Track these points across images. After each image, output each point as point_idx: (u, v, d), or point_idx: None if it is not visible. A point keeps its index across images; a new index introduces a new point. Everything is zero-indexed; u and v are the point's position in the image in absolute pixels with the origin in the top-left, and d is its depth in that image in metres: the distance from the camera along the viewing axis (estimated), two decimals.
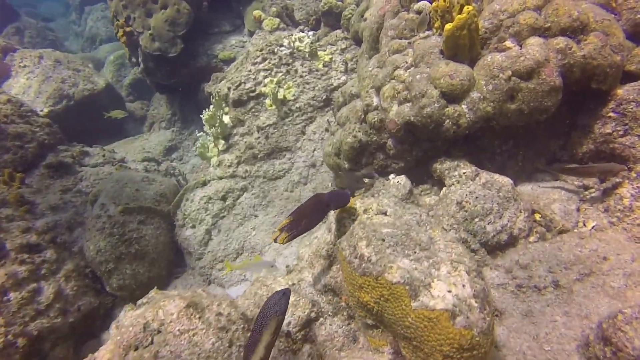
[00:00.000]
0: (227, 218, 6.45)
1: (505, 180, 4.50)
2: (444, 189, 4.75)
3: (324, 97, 6.82)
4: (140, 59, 9.59)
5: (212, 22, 9.81)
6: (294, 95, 6.75)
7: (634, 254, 3.86)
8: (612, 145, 4.30)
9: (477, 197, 4.31)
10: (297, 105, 6.75)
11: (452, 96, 4.40)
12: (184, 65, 9.40)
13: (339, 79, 6.83)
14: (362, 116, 5.11)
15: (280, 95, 6.67)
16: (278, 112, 6.65)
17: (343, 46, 7.15)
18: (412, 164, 5.02)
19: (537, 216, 4.46)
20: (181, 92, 10.58)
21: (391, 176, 5.10)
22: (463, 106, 4.39)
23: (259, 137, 6.63)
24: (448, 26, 4.27)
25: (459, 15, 4.18)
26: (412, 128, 4.64)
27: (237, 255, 6.27)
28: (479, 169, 4.61)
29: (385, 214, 3.52)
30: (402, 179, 4.86)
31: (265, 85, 6.67)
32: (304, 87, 6.81)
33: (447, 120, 4.43)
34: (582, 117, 4.64)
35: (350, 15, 7.26)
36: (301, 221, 2.92)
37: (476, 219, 4.23)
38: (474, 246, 4.16)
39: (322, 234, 3.82)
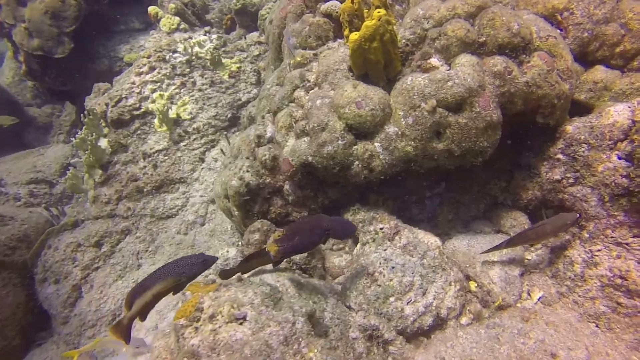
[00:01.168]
0: (103, 269, 5.06)
1: (431, 242, 3.44)
2: (357, 247, 3.64)
3: (229, 115, 5.56)
4: (21, 59, 7.89)
5: (116, 18, 8.27)
6: (190, 113, 5.45)
7: (588, 346, 2.89)
8: (560, 196, 3.34)
9: (393, 268, 3.22)
10: (195, 125, 5.46)
11: (361, 130, 3.28)
12: (79, 68, 7.81)
13: (249, 92, 5.60)
14: (255, 150, 3.90)
15: (172, 114, 5.35)
16: (170, 135, 5.33)
17: (256, 52, 5.92)
18: (319, 211, 3.87)
19: (473, 285, 3.43)
20: (83, 101, 8.89)
21: None
22: (376, 144, 3.28)
23: (145, 166, 5.28)
24: (353, 36, 3.14)
25: (366, 22, 3.05)
26: (312, 170, 3.49)
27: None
28: (399, 224, 3.52)
29: (243, 319, 2.33)
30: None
31: (153, 101, 5.32)
32: (204, 104, 5.53)
33: (356, 163, 3.31)
34: (527, 156, 3.66)
35: (267, 15, 6.02)
36: (294, 237, 2.62)
37: (391, 298, 3.13)
38: (388, 335, 3.06)
39: None
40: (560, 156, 3.26)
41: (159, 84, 5.43)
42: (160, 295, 2.48)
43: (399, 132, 3.21)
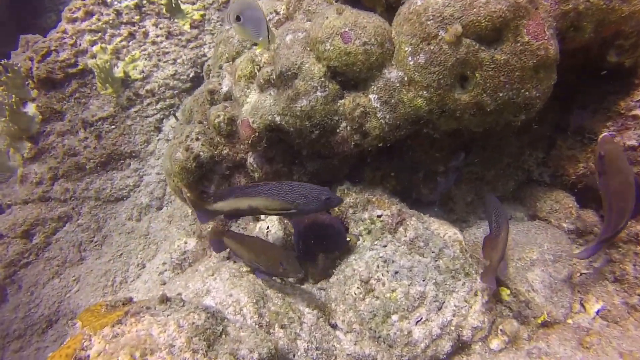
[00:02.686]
0: (34, 266, 4.09)
1: (449, 234, 2.49)
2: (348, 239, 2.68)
3: (192, 74, 4.50)
4: None
5: None
6: (142, 72, 4.38)
7: None
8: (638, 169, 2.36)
9: (397, 273, 2.27)
10: (148, 87, 4.39)
11: (349, 76, 2.27)
12: (20, 26, 6.64)
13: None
14: (208, 110, 2.89)
15: (118, 73, 4.27)
16: (117, 99, 4.28)
17: None
18: None
19: (505, 293, 2.49)
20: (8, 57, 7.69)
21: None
22: (372, 97, 2.27)
23: (86, 138, 4.24)
24: None
25: None
26: (282, 136, 2.49)
27: (47, 325, 3.97)
28: (404, 210, 2.56)
29: None
30: (274, 220, 2.75)
31: (93, 56, 4.23)
32: (160, 60, 4.44)
33: (344, 124, 2.31)
34: (578, 115, 2.66)
35: None
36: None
37: (394, 316, 2.20)
38: None
39: None
40: (638, 112, 2.26)
41: (99, 34, 4.32)
42: (254, 210, 2.25)
43: (405, 78, 2.20)
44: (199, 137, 2.80)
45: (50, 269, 4.10)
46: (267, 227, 2.78)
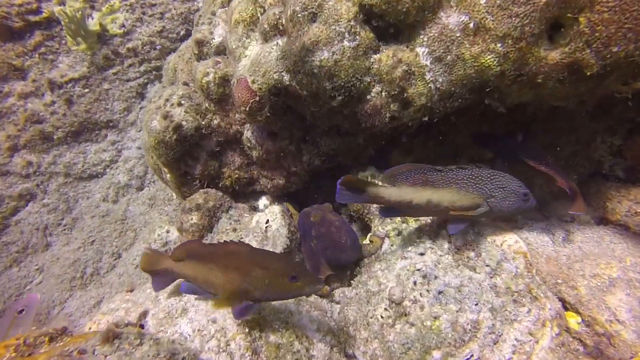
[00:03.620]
0: None
1: (508, 242, 1.88)
2: (368, 241, 2.10)
3: (182, 31, 3.80)
4: None
5: None
6: (122, 26, 3.68)
7: None
8: None
9: (440, 293, 1.67)
10: (130, 45, 3.71)
11: (389, 20, 1.61)
12: None
13: None
14: (194, 66, 2.23)
15: (93, 25, 3.57)
16: (92, 57, 3.59)
17: None
18: (305, 177, 2.28)
19: (573, 320, 1.90)
20: None
21: (261, 201, 2.39)
22: (420, 51, 1.63)
23: (54, 102, 3.58)
24: None
25: None
26: (290, 101, 1.85)
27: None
28: None
29: None
30: (275, 213, 2.15)
31: (60, 2, 3.52)
32: (144, 13, 3.74)
33: (377, 88, 1.68)
34: None
35: None
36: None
37: (435, 353, 1.61)
38: None
39: None
40: None
41: None
42: (428, 207, 1.66)
43: (471, 25, 1.55)
44: (182, 102, 2.16)
45: (7, 255, 3.50)
46: (267, 222, 2.17)
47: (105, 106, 3.69)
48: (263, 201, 2.46)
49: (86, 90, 3.63)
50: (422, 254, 1.84)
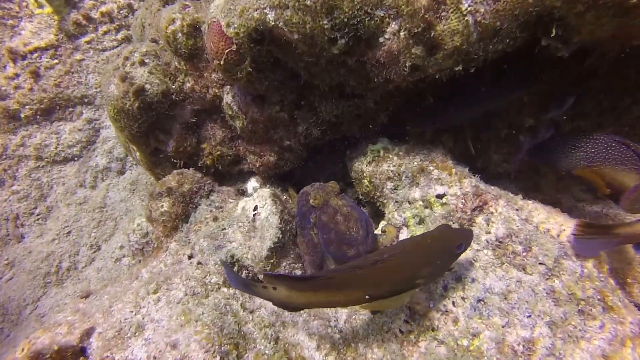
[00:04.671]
0: None
1: (568, 232, 1.42)
2: (380, 231, 1.67)
3: None
4: None
5: None
6: None
7: None
8: None
9: (481, 302, 1.25)
10: (104, 8, 3.24)
11: None
12: None
13: None
14: (159, 14, 1.78)
15: None
16: (59, 22, 3.13)
17: None
18: (301, 153, 1.85)
19: None
20: None
21: (250, 183, 1.97)
22: None
23: (18, 75, 3.14)
24: None
25: None
26: (278, 51, 1.39)
27: None
28: (483, 187, 1.49)
29: None
30: (265, 197, 1.71)
31: None
32: None
33: (393, 27, 1.21)
34: None
35: None
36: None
37: None
38: None
39: None
40: None
41: None
42: None
43: None
44: (146, 61, 1.72)
45: None
46: (255, 208, 1.74)
47: (79, 80, 3.25)
48: (252, 183, 2.04)
49: (55, 61, 3.19)
50: None
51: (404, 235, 1.59)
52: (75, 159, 3.34)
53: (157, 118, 1.81)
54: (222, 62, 1.42)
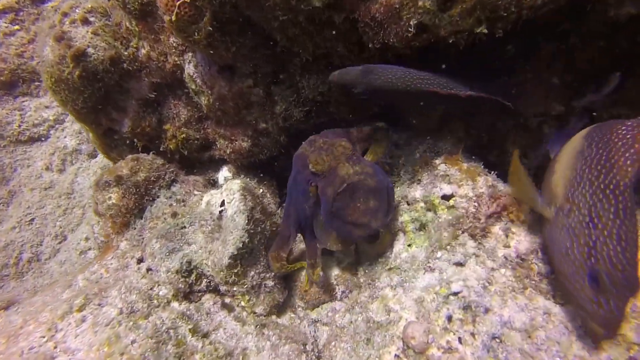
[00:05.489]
0: None
1: None
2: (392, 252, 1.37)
3: None
4: None
5: None
6: None
7: None
8: None
9: (494, 339, 0.92)
10: None
11: None
12: None
13: None
14: None
15: None
16: None
17: None
18: (280, 138, 1.52)
19: None
20: None
21: (222, 173, 1.65)
22: None
23: None
24: None
25: None
26: (247, 10, 1.06)
27: None
28: (501, 186, 1.17)
29: None
30: (233, 191, 1.38)
31: None
32: None
33: None
34: None
35: None
36: None
37: None
38: None
39: None
40: None
41: None
42: None
43: None
44: (90, 19, 1.40)
45: None
46: (222, 204, 1.43)
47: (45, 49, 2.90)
48: (224, 173, 1.73)
49: (16, 27, 2.85)
50: (460, 264, 1.12)
51: (399, 243, 1.29)
52: (42, 139, 3.02)
53: (107, 91, 1.49)
54: (173, 18, 1.10)
